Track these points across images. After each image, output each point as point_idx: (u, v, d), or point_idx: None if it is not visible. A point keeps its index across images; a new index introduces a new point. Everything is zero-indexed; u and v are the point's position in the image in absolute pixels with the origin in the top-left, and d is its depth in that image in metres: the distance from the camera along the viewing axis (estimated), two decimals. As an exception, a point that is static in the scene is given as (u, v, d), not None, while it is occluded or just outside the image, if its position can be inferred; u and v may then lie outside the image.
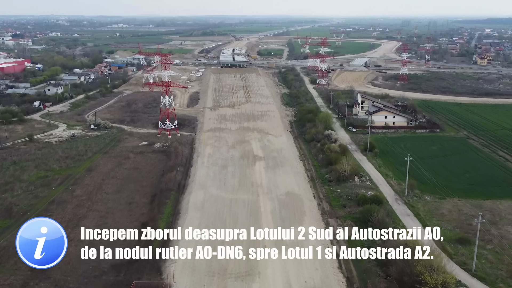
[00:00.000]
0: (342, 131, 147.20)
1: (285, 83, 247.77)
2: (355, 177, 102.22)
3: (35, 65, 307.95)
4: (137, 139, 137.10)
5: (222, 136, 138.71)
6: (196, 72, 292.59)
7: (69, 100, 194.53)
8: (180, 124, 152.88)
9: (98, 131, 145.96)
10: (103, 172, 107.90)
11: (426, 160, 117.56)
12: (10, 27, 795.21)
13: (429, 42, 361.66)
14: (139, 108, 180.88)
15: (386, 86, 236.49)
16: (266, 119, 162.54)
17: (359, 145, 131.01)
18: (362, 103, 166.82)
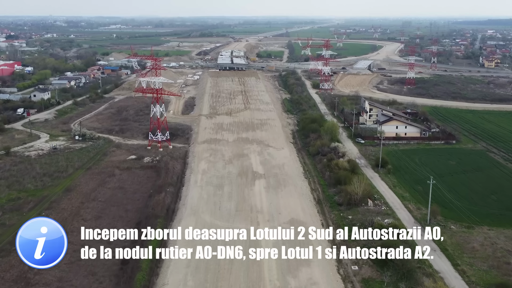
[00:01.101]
0: (349, 143, 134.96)
1: (286, 87, 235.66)
2: (368, 200, 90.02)
3: (25, 68, 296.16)
4: (125, 152, 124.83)
5: (218, 149, 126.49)
6: (192, 75, 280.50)
7: (56, 106, 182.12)
8: (173, 135, 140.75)
9: (83, 142, 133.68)
10: (83, 193, 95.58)
11: (445, 178, 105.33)
12: (6, 28, 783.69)
13: (435, 44, 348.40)
14: (130, 115, 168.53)
15: (392, 91, 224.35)
16: (266, 128, 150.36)
17: (369, 160, 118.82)
18: (370, 111, 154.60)
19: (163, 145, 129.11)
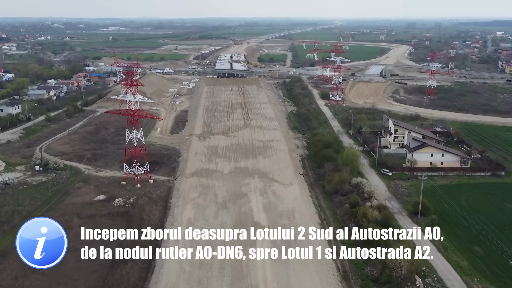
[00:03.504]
0: (373, 175, 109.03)
1: (291, 97, 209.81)
2: (415, 277, 64.07)
3: (6, 74, 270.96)
4: (92, 190, 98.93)
5: (210, 185, 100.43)
6: (188, 83, 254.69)
7: (25, 123, 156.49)
8: (156, 163, 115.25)
9: (45, 174, 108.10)
10: (21, 261, 69.60)
11: (507, 233, 79.40)
12: (0, 30, 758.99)
13: (452, 47, 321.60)
14: (109, 135, 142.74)
15: (412, 102, 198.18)
16: (270, 153, 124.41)
17: (403, 202, 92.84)
18: (395, 132, 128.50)
19: (142, 178, 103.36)
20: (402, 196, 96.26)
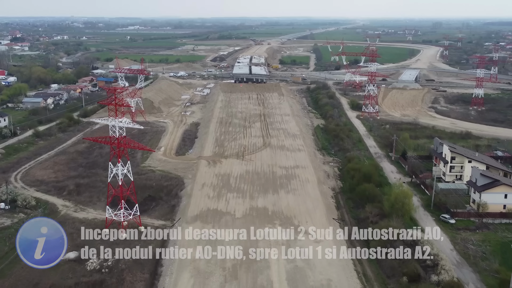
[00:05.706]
0: (429, 221, 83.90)
1: (317, 108, 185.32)
2: None
3: (8, 78, 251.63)
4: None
5: (217, 239, 75.81)
6: (202, 88, 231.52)
7: (9, 139, 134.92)
8: (152, 200, 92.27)
9: (10, 214, 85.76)
10: None
11: None
12: (18, 30, 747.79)
13: (496, 50, 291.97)
14: (102, 157, 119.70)
15: (457, 115, 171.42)
16: (295, 186, 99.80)
17: (479, 272, 67.62)
18: (452, 161, 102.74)
19: (130, 224, 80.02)
20: (475, 259, 71.03)
